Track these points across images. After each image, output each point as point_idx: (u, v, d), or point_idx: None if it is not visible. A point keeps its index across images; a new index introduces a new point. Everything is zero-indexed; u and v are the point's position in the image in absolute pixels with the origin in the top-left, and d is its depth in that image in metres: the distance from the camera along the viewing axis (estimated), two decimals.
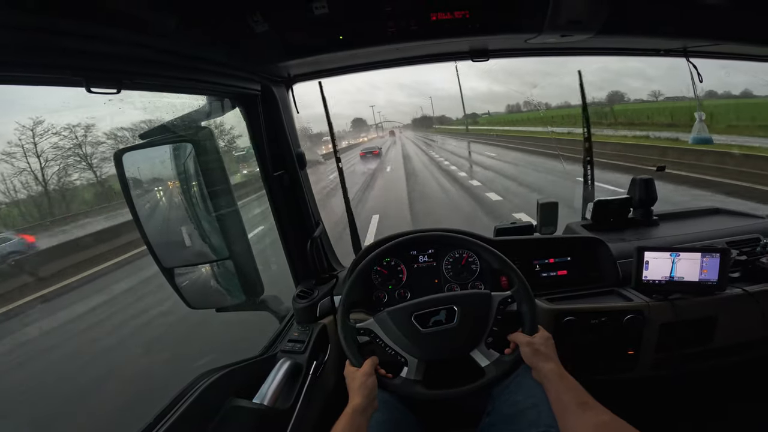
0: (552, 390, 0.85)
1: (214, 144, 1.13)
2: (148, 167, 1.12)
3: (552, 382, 0.86)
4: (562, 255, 1.42)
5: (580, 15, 1.07)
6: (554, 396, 0.84)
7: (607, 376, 1.29)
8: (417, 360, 0.97)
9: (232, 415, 0.95)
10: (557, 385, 0.85)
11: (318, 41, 1.08)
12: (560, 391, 0.83)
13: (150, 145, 1.09)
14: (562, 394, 0.82)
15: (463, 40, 1.20)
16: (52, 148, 9.81)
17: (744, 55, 1.51)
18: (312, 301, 1.34)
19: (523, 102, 48.45)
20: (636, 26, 1.18)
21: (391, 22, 1.04)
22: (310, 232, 1.44)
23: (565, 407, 0.80)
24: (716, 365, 1.32)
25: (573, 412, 0.78)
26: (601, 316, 1.24)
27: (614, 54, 1.52)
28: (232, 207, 1.18)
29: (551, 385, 0.86)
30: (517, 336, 0.99)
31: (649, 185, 1.61)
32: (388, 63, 1.42)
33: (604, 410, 0.76)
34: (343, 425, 0.82)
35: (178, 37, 0.83)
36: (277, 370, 1.12)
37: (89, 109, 5.20)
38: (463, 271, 1.37)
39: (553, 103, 37.07)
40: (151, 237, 1.09)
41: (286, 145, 1.35)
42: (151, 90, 0.89)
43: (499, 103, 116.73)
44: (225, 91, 1.13)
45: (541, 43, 1.22)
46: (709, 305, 1.22)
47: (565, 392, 0.82)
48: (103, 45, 0.70)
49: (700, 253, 1.19)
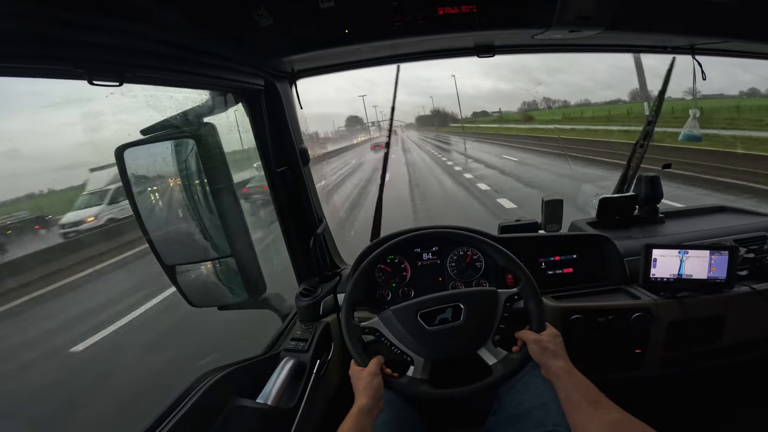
0: (562, 387, 0.84)
1: (217, 140, 1.12)
2: (149, 163, 1.11)
3: (561, 380, 0.84)
4: (568, 252, 1.41)
5: (589, 10, 1.05)
6: (564, 394, 0.82)
7: (615, 374, 1.28)
8: (423, 359, 0.96)
9: (235, 414, 0.94)
10: (567, 382, 0.83)
11: (323, 35, 1.06)
12: (570, 389, 0.82)
13: (152, 140, 1.08)
14: (572, 391, 0.81)
15: (469, 36, 1.19)
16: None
17: (752, 53, 1.50)
18: (315, 299, 1.33)
19: (542, 99, 46.77)
20: (644, 22, 1.17)
21: (398, 16, 1.02)
22: (313, 229, 1.42)
23: (576, 405, 0.78)
24: (724, 364, 1.31)
25: (584, 410, 0.76)
26: (608, 315, 1.22)
27: (621, 51, 1.51)
28: (234, 204, 1.17)
29: (561, 383, 0.84)
30: (524, 333, 0.97)
31: (655, 183, 1.60)
32: (393, 59, 1.41)
33: (616, 408, 0.74)
34: (349, 426, 0.80)
35: (181, 30, 0.82)
36: (280, 369, 1.11)
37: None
38: (467, 268, 1.36)
39: (572, 101, 36.00)
40: (153, 234, 1.08)
41: (289, 141, 1.34)
42: (154, 84, 0.88)
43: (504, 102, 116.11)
44: (228, 86, 1.12)
45: (549, 39, 1.21)
46: (717, 303, 1.21)
47: (576, 390, 0.81)
48: (105, 36, 0.69)
49: (708, 250, 1.18)
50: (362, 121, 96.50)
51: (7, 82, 0.79)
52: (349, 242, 4.92)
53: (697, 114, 1.62)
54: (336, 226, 6.19)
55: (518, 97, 43.86)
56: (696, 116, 1.62)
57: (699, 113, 1.63)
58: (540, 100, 46.43)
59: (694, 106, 1.63)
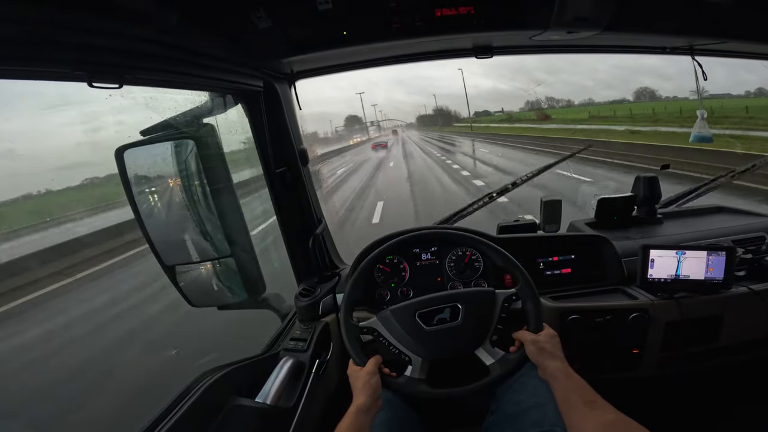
0: (558, 388, 0.84)
1: (217, 140, 1.12)
2: (149, 164, 1.11)
3: (558, 381, 0.85)
4: (566, 253, 1.41)
5: (587, 11, 1.05)
6: (561, 394, 0.83)
7: (612, 374, 1.28)
8: (421, 359, 0.96)
9: (234, 413, 0.94)
10: (563, 383, 0.84)
11: (321, 37, 1.07)
12: (567, 390, 0.82)
13: (151, 141, 1.08)
14: (569, 392, 0.82)
15: (467, 37, 1.19)
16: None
17: (751, 53, 1.50)
18: (314, 299, 1.34)
19: (545, 98, 45.53)
20: (642, 23, 1.17)
21: (396, 18, 1.02)
22: (312, 229, 1.43)
23: (572, 406, 0.79)
24: (722, 364, 1.31)
25: (580, 411, 0.77)
26: (605, 315, 1.23)
27: (620, 52, 1.51)
28: (234, 204, 1.18)
29: (557, 384, 0.85)
30: (522, 334, 0.98)
31: (654, 183, 1.60)
32: (392, 60, 1.41)
33: (612, 409, 0.75)
34: (347, 425, 0.81)
35: (180, 32, 0.82)
36: (279, 369, 1.11)
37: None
38: (466, 269, 1.36)
39: (576, 100, 35.00)
40: (153, 234, 1.08)
41: (288, 142, 1.34)
42: (153, 85, 0.89)
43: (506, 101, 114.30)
44: (227, 87, 1.12)
45: (547, 40, 1.21)
46: (714, 304, 1.21)
47: (572, 391, 0.82)
48: (105, 39, 0.69)
49: (706, 251, 1.18)
50: (360, 121, 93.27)
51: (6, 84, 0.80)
52: (348, 242, 4.86)
53: (704, 115, 1.62)
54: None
55: (520, 97, 42.61)
56: (704, 117, 1.62)
57: (706, 114, 1.62)
58: (543, 99, 45.51)
59: (699, 106, 1.62)
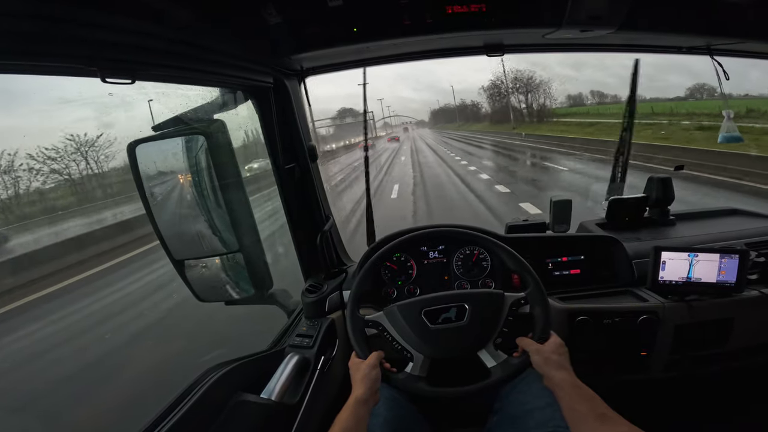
0: (565, 399, 0.81)
1: (227, 137, 1.13)
2: (160, 159, 1.12)
3: (565, 391, 0.82)
4: (576, 253, 1.40)
5: (601, 10, 1.04)
6: (567, 405, 0.80)
7: (620, 376, 1.27)
8: (423, 356, 0.96)
9: (239, 409, 0.95)
10: (571, 394, 0.81)
11: (332, 34, 1.07)
12: (575, 401, 0.80)
13: (163, 137, 1.09)
14: (577, 404, 0.79)
15: (478, 34, 1.18)
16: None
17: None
18: (321, 296, 1.34)
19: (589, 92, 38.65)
20: (658, 22, 1.15)
21: (407, 15, 1.02)
22: (320, 225, 1.43)
23: (582, 418, 0.76)
24: (731, 367, 1.29)
25: (590, 424, 0.74)
26: (614, 317, 1.21)
27: (635, 51, 1.48)
28: (243, 200, 1.18)
29: (564, 394, 0.82)
30: (526, 343, 0.95)
31: (667, 184, 1.58)
32: (402, 57, 1.40)
33: (623, 421, 0.73)
34: (346, 415, 0.82)
35: (192, 29, 0.83)
36: (285, 365, 1.12)
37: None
38: (473, 268, 1.36)
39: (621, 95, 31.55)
40: (163, 229, 1.09)
41: (297, 138, 1.34)
42: (165, 81, 0.89)
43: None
44: (238, 83, 1.12)
45: (560, 38, 1.20)
46: (725, 307, 1.20)
47: (581, 402, 0.79)
48: (117, 35, 0.70)
49: (718, 254, 1.16)
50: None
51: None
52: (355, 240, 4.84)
53: (731, 115, 1.58)
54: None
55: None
56: (731, 117, 1.58)
57: (733, 114, 1.59)
58: (586, 93, 39.80)
59: (724, 107, 1.59)
